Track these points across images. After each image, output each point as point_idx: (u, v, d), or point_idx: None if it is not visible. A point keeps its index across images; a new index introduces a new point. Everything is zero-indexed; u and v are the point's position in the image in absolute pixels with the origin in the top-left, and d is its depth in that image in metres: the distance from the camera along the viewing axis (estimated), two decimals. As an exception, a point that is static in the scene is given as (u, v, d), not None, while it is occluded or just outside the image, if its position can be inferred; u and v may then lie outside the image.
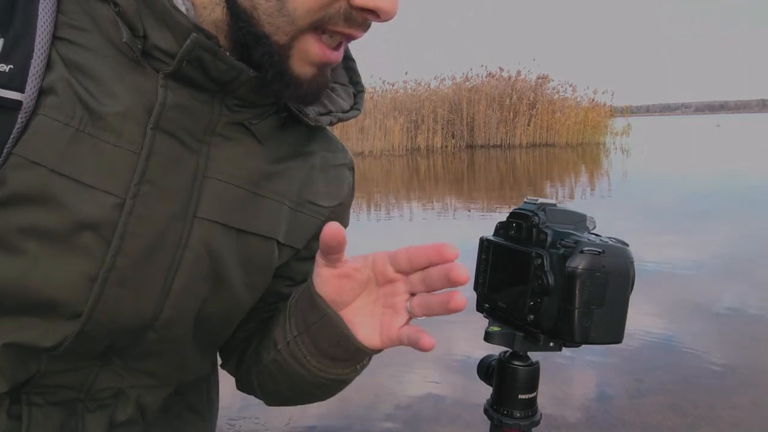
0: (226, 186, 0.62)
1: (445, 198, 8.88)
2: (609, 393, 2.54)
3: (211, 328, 0.69)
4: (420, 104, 18.94)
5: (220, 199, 0.62)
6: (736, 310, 3.60)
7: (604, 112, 20.87)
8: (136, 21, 0.56)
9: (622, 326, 0.61)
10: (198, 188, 0.61)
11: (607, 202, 7.76)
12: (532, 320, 0.61)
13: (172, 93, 0.58)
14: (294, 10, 0.55)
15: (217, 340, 0.73)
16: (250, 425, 2.28)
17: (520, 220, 0.66)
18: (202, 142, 0.61)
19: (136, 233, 0.57)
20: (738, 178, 10.14)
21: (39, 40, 0.54)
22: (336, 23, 0.56)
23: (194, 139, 0.60)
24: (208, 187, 0.61)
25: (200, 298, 0.63)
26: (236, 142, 0.63)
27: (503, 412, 0.65)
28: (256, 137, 0.64)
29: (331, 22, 0.56)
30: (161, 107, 0.57)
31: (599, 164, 14.15)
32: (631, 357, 2.86)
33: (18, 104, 0.53)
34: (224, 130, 0.62)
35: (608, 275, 0.59)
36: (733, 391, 2.53)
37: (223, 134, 0.62)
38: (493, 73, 20.01)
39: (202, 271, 0.62)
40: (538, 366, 0.66)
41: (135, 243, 0.57)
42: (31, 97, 0.54)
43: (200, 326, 0.66)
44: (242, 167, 0.63)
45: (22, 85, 0.53)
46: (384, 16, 0.56)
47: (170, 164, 0.59)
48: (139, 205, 0.57)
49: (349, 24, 0.57)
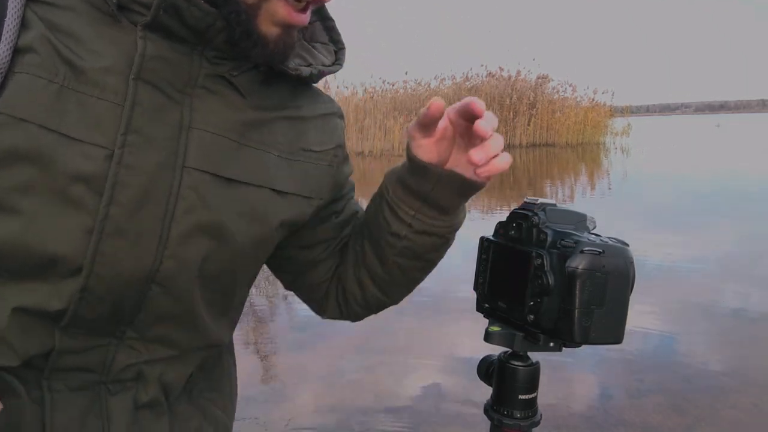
0: (212, 137, 0.63)
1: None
2: (609, 393, 2.54)
3: (219, 285, 0.69)
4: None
5: (207, 149, 0.63)
6: (736, 310, 3.61)
7: (604, 111, 20.88)
8: None
9: (622, 326, 0.61)
10: (185, 139, 0.62)
11: (607, 202, 7.76)
12: (532, 320, 0.61)
13: (151, 44, 0.59)
14: None
15: (228, 300, 0.73)
16: (250, 425, 2.28)
17: (520, 220, 0.66)
18: (184, 93, 0.62)
19: (126, 183, 0.58)
20: (738, 178, 10.14)
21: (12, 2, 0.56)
22: None
23: (176, 89, 0.62)
24: (194, 137, 0.62)
25: (200, 249, 0.64)
26: (219, 96, 0.65)
27: (503, 412, 0.65)
28: (239, 90, 0.66)
29: None
30: (141, 58, 0.59)
31: (599, 164, 14.16)
32: (632, 357, 2.86)
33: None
34: (206, 82, 0.63)
35: (608, 275, 0.59)
36: (733, 391, 2.53)
37: (206, 86, 0.64)
38: (493, 73, 20.03)
39: (198, 220, 0.63)
40: (538, 366, 0.66)
41: (126, 192, 0.58)
42: (4, 56, 0.55)
43: (206, 282, 0.66)
44: (226, 119, 0.65)
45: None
46: None
47: (155, 114, 0.60)
48: (127, 155, 0.58)
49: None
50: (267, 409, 2.44)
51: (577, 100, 20.40)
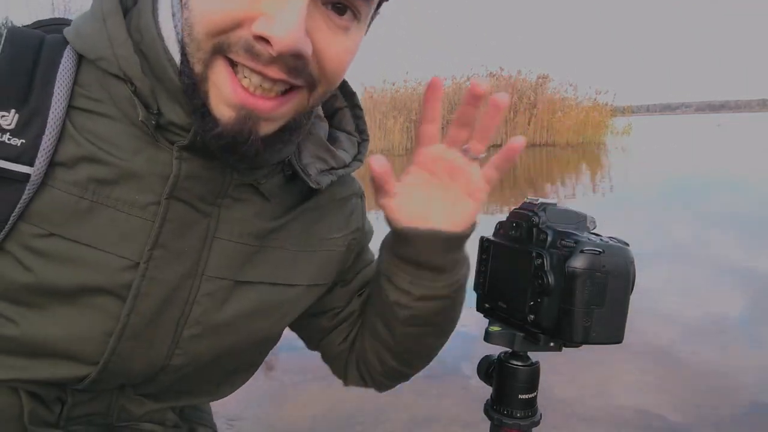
0: (234, 245, 0.65)
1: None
2: (610, 392, 2.54)
3: (228, 367, 0.72)
4: (420, 104, 18.89)
5: (227, 256, 0.65)
6: (738, 310, 3.61)
7: (605, 111, 20.85)
8: (150, 100, 0.58)
9: (623, 326, 0.61)
10: (208, 248, 0.64)
11: (607, 202, 7.76)
12: (532, 320, 0.61)
13: (186, 164, 0.60)
14: (198, 33, 0.54)
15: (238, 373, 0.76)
16: (250, 425, 2.28)
17: (521, 220, 0.66)
18: (214, 205, 0.63)
19: (149, 293, 0.61)
20: (738, 178, 10.14)
21: (53, 116, 0.57)
22: (238, 53, 0.53)
23: (206, 203, 0.63)
24: (216, 247, 0.64)
25: (211, 345, 0.67)
26: (244, 202, 0.66)
27: (503, 412, 0.65)
28: (263, 195, 0.67)
29: (232, 50, 0.53)
30: (176, 179, 0.60)
31: (600, 164, 14.16)
32: (634, 356, 2.86)
33: (26, 177, 0.56)
34: (234, 192, 0.64)
35: (608, 275, 0.59)
36: (734, 391, 2.53)
37: (233, 196, 0.65)
38: (493, 73, 20.01)
39: (211, 322, 0.65)
40: (538, 366, 0.66)
41: (148, 302, 0.61)
42: (40, 171, 0.57)
43: (214, 367, 0.70)
44: (250, 225, 0.66)
45: (32, 160, 0.56)
46: (276, 46, 0.51)
47: (182, 229, 0.62)
48: (152, 268, 0.60)
49: (252, 56, 0.53)
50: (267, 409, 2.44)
51: (577, 100, 20.39)
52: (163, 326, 0.63)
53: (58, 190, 0.58)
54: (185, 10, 0.56)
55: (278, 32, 0.50)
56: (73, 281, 0.59)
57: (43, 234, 0.58)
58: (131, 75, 0.58)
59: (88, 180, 0.59)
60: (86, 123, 0.60)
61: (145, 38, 0.59)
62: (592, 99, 20.61)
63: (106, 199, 0.59)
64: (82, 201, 0.58)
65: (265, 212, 0.67)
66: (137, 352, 0.62)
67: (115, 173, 0.59)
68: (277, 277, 0.69)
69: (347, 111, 0.77)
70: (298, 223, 0.71)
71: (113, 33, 0.59)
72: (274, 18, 0.51)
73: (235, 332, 0.68)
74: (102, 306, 0.60)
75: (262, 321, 0.70)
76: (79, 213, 0.58)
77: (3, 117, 0.56)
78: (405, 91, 19.76)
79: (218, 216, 0.64)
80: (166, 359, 0.64)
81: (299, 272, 0.71)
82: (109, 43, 0.59)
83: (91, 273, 0.59)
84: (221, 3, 0.52)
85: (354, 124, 0.77)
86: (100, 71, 0.60)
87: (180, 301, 0.63)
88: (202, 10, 0.53)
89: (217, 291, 0.65)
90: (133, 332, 0.61)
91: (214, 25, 0.53)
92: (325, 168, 0.71)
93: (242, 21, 0.52)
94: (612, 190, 9.00)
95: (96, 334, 0.61)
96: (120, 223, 0.59)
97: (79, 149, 0.58)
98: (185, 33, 0.55)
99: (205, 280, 0.64)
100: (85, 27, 0.61)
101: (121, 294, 0.60)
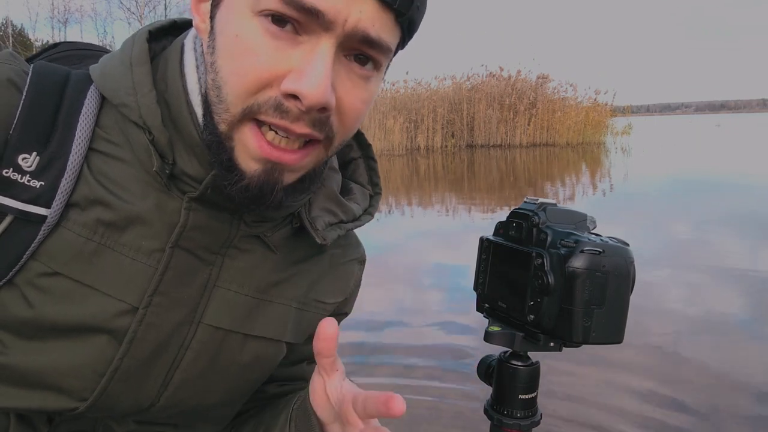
0: (234, 295, 0.65)
1: (445, 197, 8.87)
2: (610, 392, 2.54)
3: (211, 409, 0.72)
4: (420, 104, 18.92)
5: (226, 306, 0.65)
6: (737, 312, 3.61)
7: (605, 111, 20.85)
8: (167, 150, 0.59)
9: (623, 326, 0.61)
10: (207, 296, 0.64)
11: (607, 202, 7.76)
12: (532, 320, 0.61)
13: (194, 215, 0.60)
14: (227, 95, 0.54)
15: (222, 412, 0.75)
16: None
17: (521, 220, 0.66)
18: (218, 254, 0.64)
19: (144, 338, 0.61)
20: (737, 177, 10.14)
21: (72, 160, 0.58)
22: (267, 113, 0.54)
23: (210, 252, 0.63)
24: (216, 295, 0.64)
25: (197, 390, 0.67)
26: (249, 253, 0.66)
27: (503, 412, 0.65)
28: (270, 247, 0.67)
29: (261, 111, 0.54)
30: (182, 228, 0.60)
31: (600, 164, 14.16)
32: (634, 356, 2.86)
33: (43, 219, 0.57)
34: (240, 243, 0.65)
35: (608, 275, 0.59)
36: (734, 392, 2.53)
37: (238, 246, 0.65)
38: (493, 73, 20.00)
39: (201, 369, 0.65)
40: (538, 366, 0.66)
41: (143, 347, 0.61)
42: (56, 212, 0.58)
43: (197, 409, 0.69)
44: (253, 276, 0.66)
45: (50, 202, 0.57)
46: (305, 101, 0.52)
47: (184, 277, 0.62)
48: (151, 314, 0.61)
49: (281, 114, 0.53)
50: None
51: (577, 100, 20.38)
52: (154, 370, 0.63)
53: (69, 231, 0.58)
54: (211, 71, 0.56)
55: (308, 88, 0.51)
56: (72, 320, 0.59)
57: (49, 272, 0.58)
58: (151, 125, 0.58)
59: (98, 222, 0.59)
60: (101, 166, 0.60)
61: (170, 89, 0.60)
62: (592, 99, 20.62)
63: (113, 243, 0.59)
64: (90, 243, 0.59)
65: (270, 264, 0.67)
66: (126, 393, 0.63)
67: (123, 217, 0.59)
68: (273, 333, 0.69)
69: (361, 162, 0.77)
70: (300, 279, 0.71)
71: (139, 81, 0.59)
72: (302, 73, 0.51)
73: (223, 380, 0.68)
74: (97, 346, 0.60)
75: (251, 373, 0.70)
76: (85, 254, 0.59)
77: (24, 159, 0.56)
78: (405, 91, 19.75)
79: (221, 265, 0.64)
80: (154, 400, 0.64)
81: (293, 331, 0.71)
82: (133, 90, 0.59)
83: (91, 314, 0.59)
84: (251, 62, 0.52)
85: (368, 175, 0.77)
86: (121, 116, 0.60)
87: (174, 347, 0.63)
88: (231, 72, 0.53)
89: (212, 339, 0.65)
90: (125, 375, 0.61)
91: (245, 88, 0.53)
92: (334, 221, 0.70)
93: (272, 81, 0.52)
94: (612, 189, 9.00)
95: (88, 373, 0.61)
96: (124, 267, 0.60)
97: (91, 191, 0.59)
98: (212, 93, 0.55)
99: (202, 327, 0.64)
100: (113, 70, 0.61)
101: (118, 337, 0.60)
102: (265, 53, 0.52)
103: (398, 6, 0.53)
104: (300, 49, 0.52)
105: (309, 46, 0.52)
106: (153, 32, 0.64)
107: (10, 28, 25.68)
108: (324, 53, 0.52)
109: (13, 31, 25.91)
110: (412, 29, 0.58)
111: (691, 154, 16.95)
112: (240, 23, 0.53)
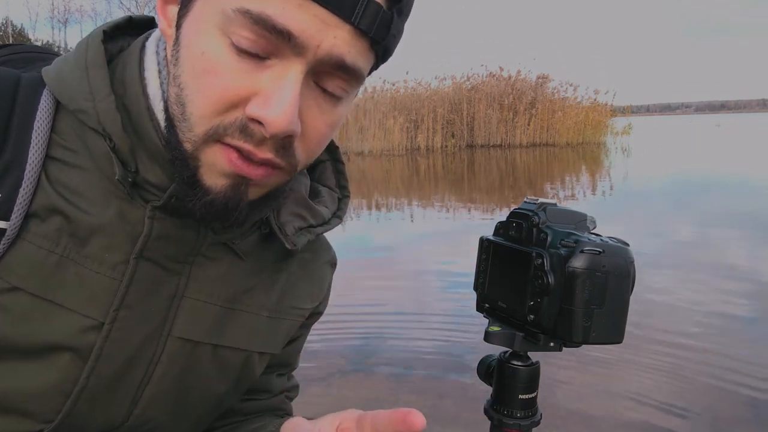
0: (203, 305, 0.63)
1: (445, 197, 8.88)
2: (610, 392, 2.54)
3: (182, 423, 0.69)
4: (420, 104, 18.93)
5: (195, 317, 0.63)
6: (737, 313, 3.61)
7: (605, 111, 20.86)
8: (129, 158, 0.56)
9: (623, 326, 0.61)
10: (175, 308, 0.61)
11: (607, 202, 7.76)
12: (532, 320, 0.61)
13: (158, 224, 0.58)
14: (191, 114, 0.51)
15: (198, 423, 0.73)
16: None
17: (520, 220, 0.65)
18: (185, 263, 0.61)
19: (111, 355, 0.58)
20: (738, 177, 10.14)
21: (29, 169, 0.55)
22: (233, 135, 0.51)
23: (176, 261, 0.61)
24: (184, 306, 0.62)
25: (168, 405, 0.65)
26: (218, 261, 0.63)
27: (503, 412, 0.65)
28: (238, 254, 0.65)
29: (228, 134, 0.51)
30: (146, 238, 0.57)
31: (600, 164, 14.16)
32: (634, 356, 2.86)
33: (2, 232, 0.53)
34: (207, 251, 0.62)
35: (608, 275, 0.59)
36: (735, 392, 2.53)
37: (206, 254, 0.62)
38: (493, 73, 20.01)
39: (171, 383, 0.63)
40: (538, 366, 0.66)
41: (109, 364, 0.59)
42: (15, 224, 0.54)
43: (167, 424, 0.67)
44: (221, 285, 0.64)
45: (8, 214, 0.53)
46: (270, 128, 0.50)
47: (150, 289, 0.59)
48: (117, 330, 0.58)
49: (245, 137, 0.51)
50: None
51: (577, 100, 20.39)
52: (123, 387, 0.61)
53: (30, 243, 0.55)
54: (174, 84, 0.53)
55: (273, 115, 0.49)
56: (34, 340, 0.56)
57: (7, 288, 0.54)
58: (111, 132, 0.55)
59: (60, 233, 0.56)
60: (59, 174, 0.57)
61: (128, 93, 0.57)
62: (592, 99, 20.62)
63: (76, 255, 0.56)
64: (52, 255, 0.55)
65: (239, 272, 0.65)
66: (94, 413, 0.60)
67: (84, 228, 0.56)
68: (244, 343, 0.67)
69: (329, 164, 0.75)
70: (271, 286, 0.69)
71: (96, 85, 0.56)
72: (269, 98, 0.49)
73: (195, 393, 0.65)
74: (62, 365, 0.57)
75: (223, 384, 0.68)
76: (46, 268, 0.55)
77: None
78: (405, 91, 19.76)
79: (189, 274, 0.61)
80: (124, 418, 0.62)
81: (266, 340, 0.70)
82: (90, 95, 0.56)
83: (53, 331, 0.56)
84: (217, 83, 0.50)
85: (335, 178, 0.75)
86: (78, 121, 0.57)
87: (143, 362, 0.61)
88: (195, 91, 0.51)
89: (181, 352, 0.62)
90: (91, 394, 0.59)
91: (211, 109, 0.51)
92: (304, 225, 0.68)
93: (238, 102, 0.50)
94: (612, 189, 9.00)
95: (53, 394, 0.58)
96: (87, 280, 0.56)
97: (50, 201, 0.56)
98: (176, 108, 0.52)
99: (171, 340, 0.61)
100: (67, 74, 0.57)
101: (83, 354, 0.57)
102: (231, 75, 0.50)
103: (374, 34, 0.51)
104: (268, 73, 0.50)
105: (278, 70, 0.50)
106: (108, 32, 0.61)
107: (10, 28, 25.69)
108: (292, 79, 0.50)
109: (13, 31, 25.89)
110: (386, 56, 0.56)
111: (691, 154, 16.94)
112: (207, 40, 0.50)
